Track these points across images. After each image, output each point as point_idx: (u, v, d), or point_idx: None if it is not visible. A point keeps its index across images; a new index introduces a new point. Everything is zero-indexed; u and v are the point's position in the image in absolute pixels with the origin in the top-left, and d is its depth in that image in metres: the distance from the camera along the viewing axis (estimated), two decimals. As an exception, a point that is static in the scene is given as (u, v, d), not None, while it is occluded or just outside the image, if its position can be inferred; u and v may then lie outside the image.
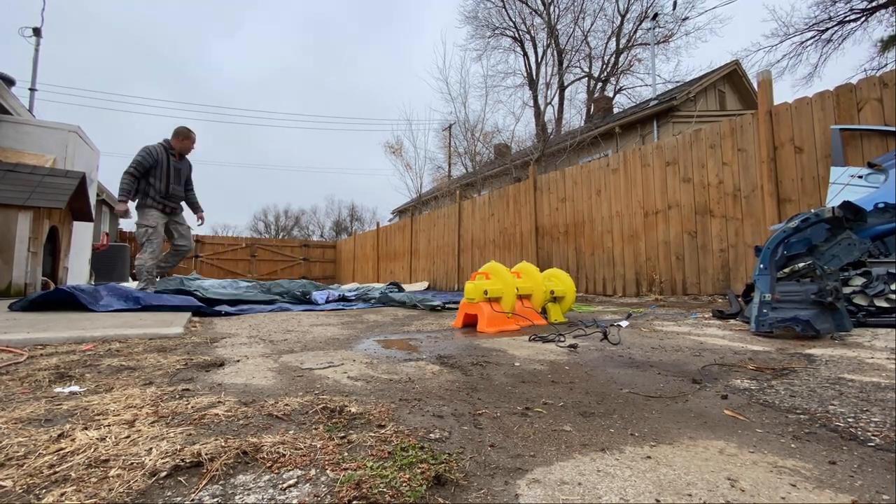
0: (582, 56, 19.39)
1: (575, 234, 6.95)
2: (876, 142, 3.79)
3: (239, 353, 2.11)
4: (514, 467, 0.86)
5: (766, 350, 2.10)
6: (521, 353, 2.10)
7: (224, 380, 1.56)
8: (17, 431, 1.01)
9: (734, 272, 4.79)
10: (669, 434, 1.05)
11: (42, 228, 4.90)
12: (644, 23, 18.82)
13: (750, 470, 0.85)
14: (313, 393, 1.38)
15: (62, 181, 5.19)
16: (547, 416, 1.18)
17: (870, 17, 11.56)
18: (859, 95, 3.94)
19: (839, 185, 3.71)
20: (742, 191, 4.76)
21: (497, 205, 8.89)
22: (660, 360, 1.91)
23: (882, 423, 1.10)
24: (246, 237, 19.70)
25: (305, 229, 43.74)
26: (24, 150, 5.96)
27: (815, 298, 2.35)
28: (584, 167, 6.91)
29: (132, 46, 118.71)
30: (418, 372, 1.71)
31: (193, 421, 1.10)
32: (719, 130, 5.04)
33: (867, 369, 1.66)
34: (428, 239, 11.61)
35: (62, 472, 0.81)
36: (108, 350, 2.09)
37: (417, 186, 16.68)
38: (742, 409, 1.24)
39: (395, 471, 0.81)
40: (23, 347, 2.09)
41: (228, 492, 0.75)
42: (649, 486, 0.78)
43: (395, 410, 1.22)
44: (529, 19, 19.05)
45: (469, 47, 25.36)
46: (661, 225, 5.63)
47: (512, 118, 36.97)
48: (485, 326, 2.95)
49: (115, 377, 1.57)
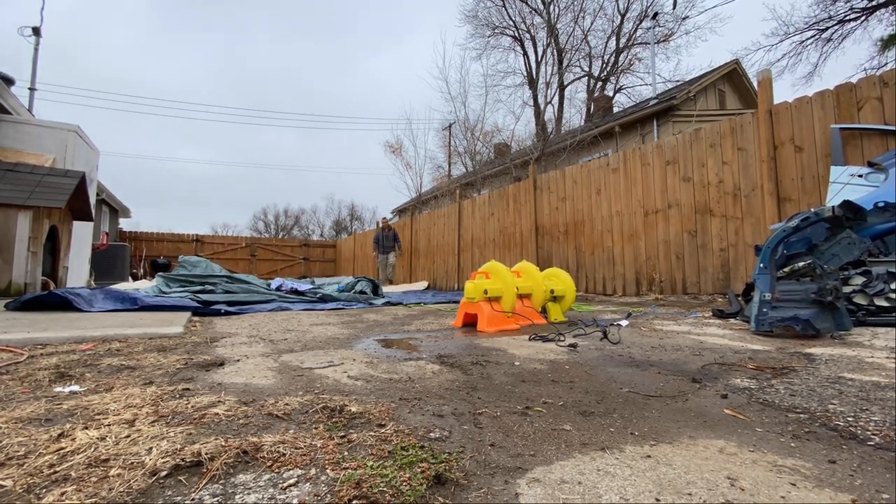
0: (582, 55, 19.38)
1: (575, 234, 6.95)
2: (876, 141, 3.79)
3: (239, 352, 2.11)
4: (514, 466, 0.86)
5: (766, 349, 2.10)
6: (521, 353, 2.10)
7: (224, 379, 1.56)
8: (17, 431, 1.01)
9: (734, 271, 4.79)
10: (669, 433, 1.05)
11: (42, 228, 4.90)
12: (644, 22, 18.80)
13: (750, 469, 0.85)
14: (313, 392, 1.38)
15: (62, 181, 5.18)
16: (547, 416, 1.18)
17: (870, 16, 11.54)
18: (859, 94, 3.94)
19: (839, 184, 3.71)
20: (742, 190, 4.76)
21: (497, 204, 8.89)
22: (660, 360, 1.91)
23: (882, 422, 1.10)
24: (246, 236, 19.71)
25: (305, 229, 43.72)
26: (24, 150, 5.95)
27: (815, 297, 2.35)
28: (584, 166, 6.91)
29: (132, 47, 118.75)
30: (418, 371, 1.72)
31: (193, 420, 1.10)
32: (719, 130, 5.04)
33: (867, 368, 1.66)
34: (428, 238, 11.61)
35: (62, 471, 0.81)
36: (108, 350, 2.10)
37: (417, 186, 16.68)
38: (742, 408, 1.24)
39: (396, 470, 0.81)
40: (23, 347, 2.09)
41: (229, 491, 0.75)
42: (649, 485, 0.78)
43: (395, 410, 1.22)
44: (529, 18, 19.04)
45: (469, 46, 25.31)
46: (661, 224, 5.63)
47: (512, 117, 36.98)
48: (485, 326, 2.95)
49: (116, 377, 1.57)
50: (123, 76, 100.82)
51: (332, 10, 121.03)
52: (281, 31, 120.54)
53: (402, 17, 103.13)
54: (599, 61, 20.00)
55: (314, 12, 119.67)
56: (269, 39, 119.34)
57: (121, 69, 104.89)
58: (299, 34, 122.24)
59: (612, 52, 19.85)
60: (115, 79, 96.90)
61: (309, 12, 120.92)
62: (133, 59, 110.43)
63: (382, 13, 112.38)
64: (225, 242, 18.21)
